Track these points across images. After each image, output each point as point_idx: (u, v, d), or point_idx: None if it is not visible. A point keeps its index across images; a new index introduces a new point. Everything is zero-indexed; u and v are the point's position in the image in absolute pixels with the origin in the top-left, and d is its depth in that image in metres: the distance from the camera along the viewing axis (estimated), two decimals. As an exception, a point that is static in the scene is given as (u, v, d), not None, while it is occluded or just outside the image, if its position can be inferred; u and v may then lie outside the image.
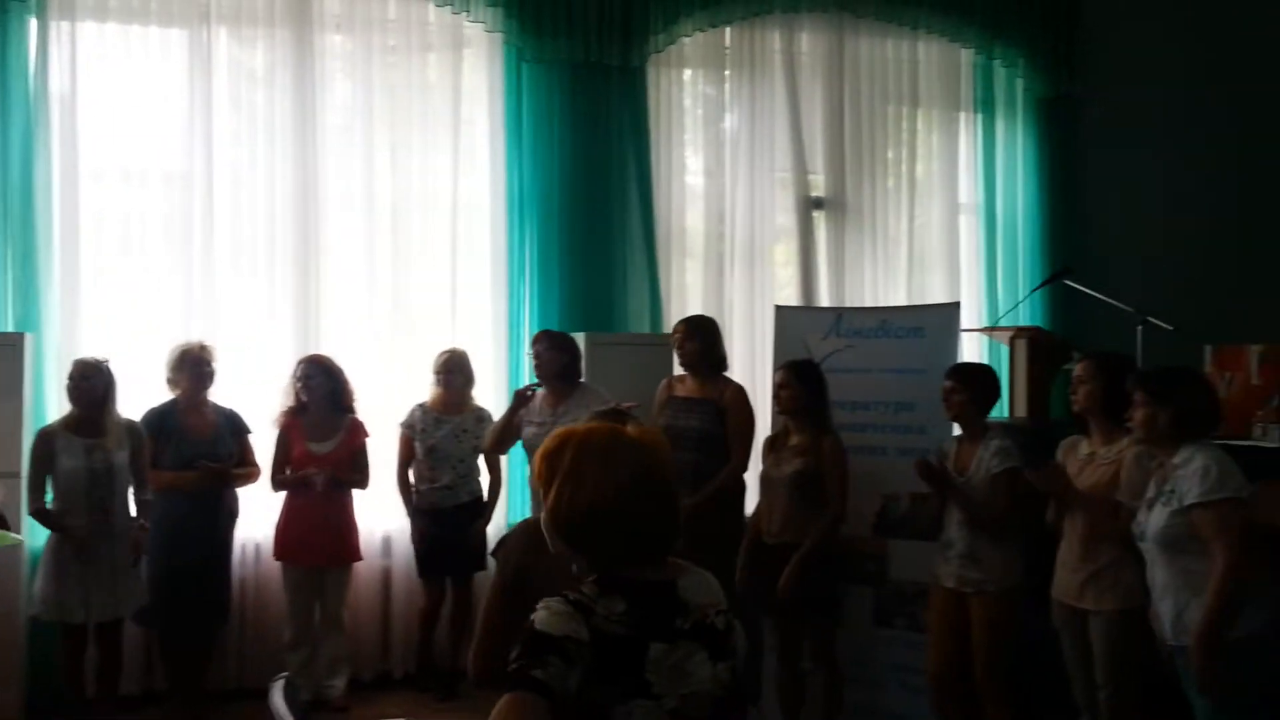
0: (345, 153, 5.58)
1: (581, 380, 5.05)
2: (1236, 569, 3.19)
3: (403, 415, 5.28)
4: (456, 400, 5.27)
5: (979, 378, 4.30)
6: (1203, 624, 3.22)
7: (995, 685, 4.13)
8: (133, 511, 4.57)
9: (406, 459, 5.29)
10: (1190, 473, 3.25)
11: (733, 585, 4.48)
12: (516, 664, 1.70)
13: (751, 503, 4.79)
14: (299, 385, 5.09)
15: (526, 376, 5.56)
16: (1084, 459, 3.87)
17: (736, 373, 5.24)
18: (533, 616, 1.75)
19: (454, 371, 5.25)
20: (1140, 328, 4.98)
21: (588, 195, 5.71)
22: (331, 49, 5.61)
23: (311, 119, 5.48)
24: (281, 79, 5.47)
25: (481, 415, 5.30)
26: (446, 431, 5.22)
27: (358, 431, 5.17)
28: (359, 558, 5.21)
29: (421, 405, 5.29)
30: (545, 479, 1.89)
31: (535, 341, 5.08)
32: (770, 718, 4.82)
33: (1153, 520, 3.35)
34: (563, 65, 5.66)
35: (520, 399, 4.96)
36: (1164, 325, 4.95)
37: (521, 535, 2.46)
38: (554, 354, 4.98)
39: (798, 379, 4.50)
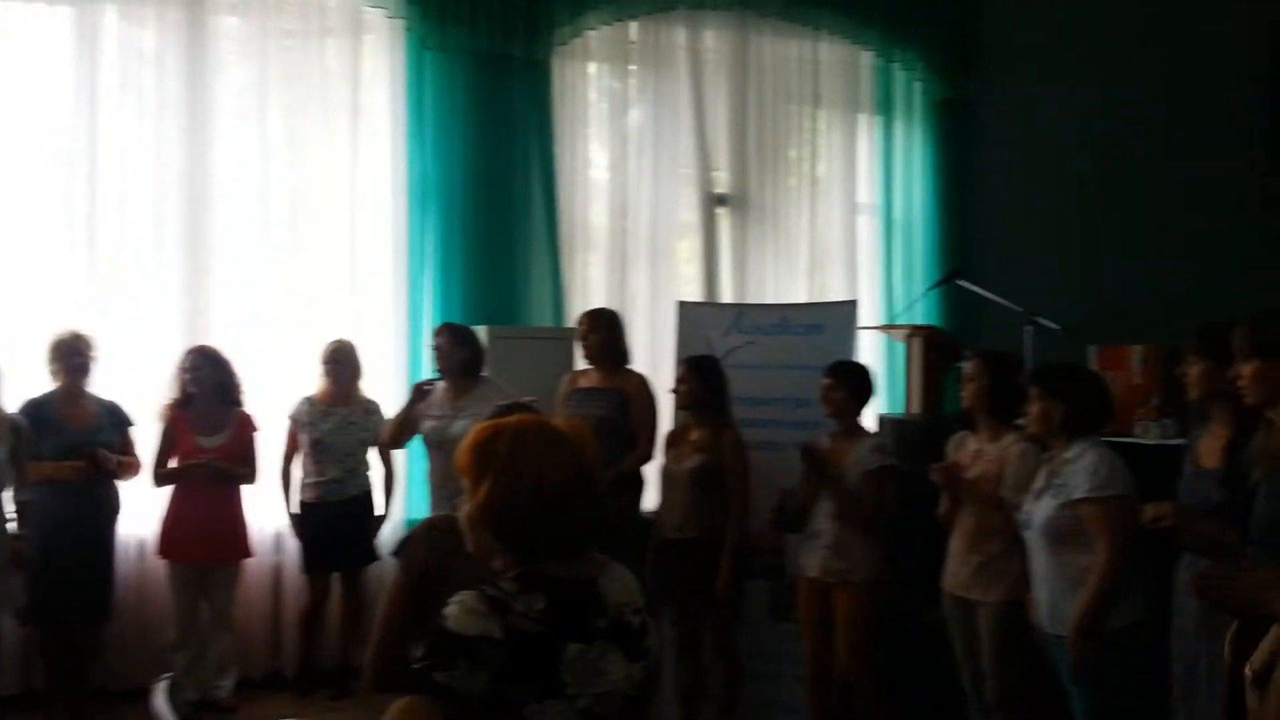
0: (239, 138, 5.42)
1: (484, 374, 4.99)
2: (1117, 565, 3.31)
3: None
4: (344, 392, 5.16)
5: (855, 375, 4.38)
6: (1081, 616, 3.34)
7: (862, 675, 4.23)
8: (9, 509, 4.35)
9: (291, 452, 5.18)
10: (1081, 468, 3.36)
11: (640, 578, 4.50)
12: (420, 664, 1.66)
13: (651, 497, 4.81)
14: (186, 376, 4.93)
15: (427, 370, 5.49)
16: (971, 455, 3.97)
17: (638, 368, 5.22)
18: (445, 612, 1.71)
19: (340, 362, 5.15)
20: (1028, 327, 5.12)
21: (491, 187, 5.64)
22: (225, 30, 5.44)
23: (203, 102, 5.32)
24: (173, 60, 5.29)
25: (370, 407, 5.21)
26: (333, 424, 5.12)
27: (247, 425, 5.03)
28: (249, 554, 5.08)
29: (308, 398, 5.17)
30: (475, 472, 1.83)
31: (437, 334, 5.01)
32: (669, 713, 4.84)
33: (1040, 511, 3.46)
34: (466, 55, 5.58)
35: (419, 393, 4.89)
36: (1051, 325, 5.10)
37: (425, 535, 2.40)
38: (456, 347, 4.91)
39: (698, 374, 4.52)
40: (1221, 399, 3.18)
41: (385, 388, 5.41)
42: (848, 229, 6.40)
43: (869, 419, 5.11)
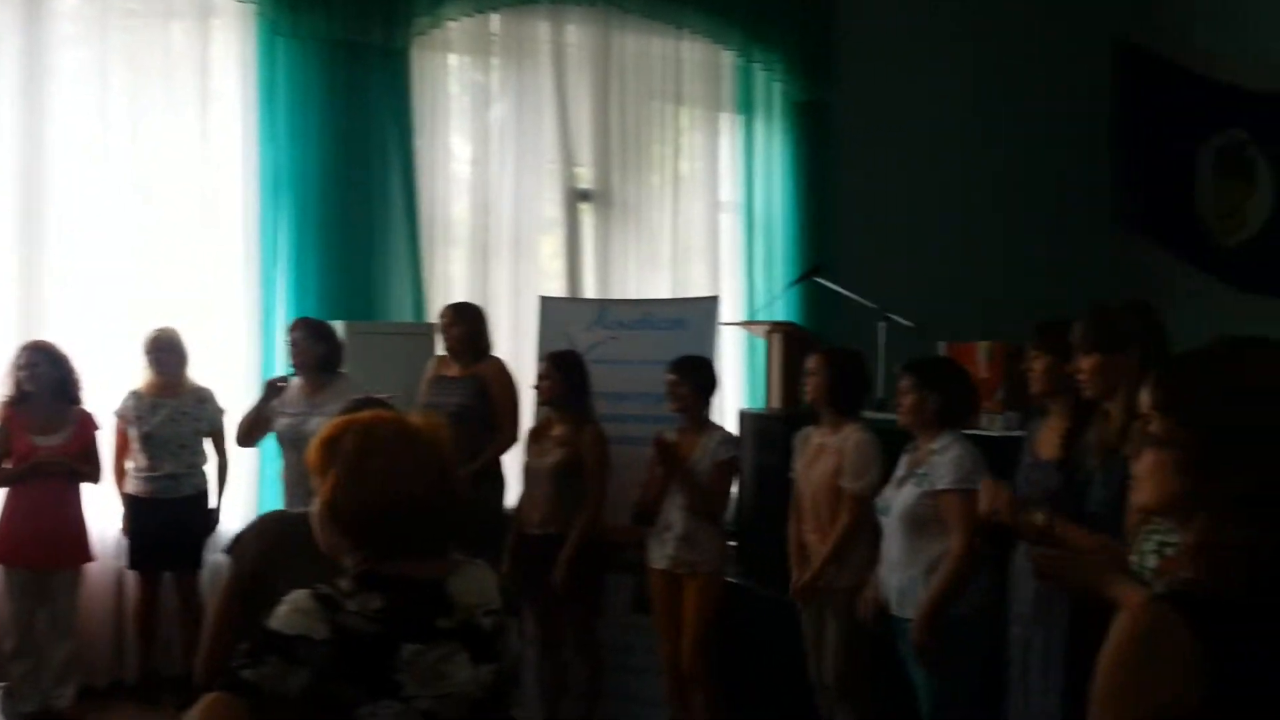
0: (78, 122, 5.17)
1: (341, 370, 4.88)
2: (969, 555, 3.43)
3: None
4: (172, 381, 4.96)
5: (698, 370, 4.44)
6: (929, 602, 3.45)
7: (701, 664, 4.31)
8: None
9: (122, 449, 4.96)
10: (946, 460, 3.47)
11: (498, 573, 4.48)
12: (233, 662, 1.63)
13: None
14: (21, 374, 4.69)
15: (281, 365, 5.33)
16: (815, 448, 4.07)
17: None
18: (274, 612, 1.68)
19: (164, 350, 4.93)
20: (882, 323, 5.26)
21: (347, 179, 5.51)
22: (64, 10, 5.18)
23: (40, 84, 5.06)
24: (7, 41, 5.02)
25: (203, 395, 5.02)
26: (164, 416, 4.91)
27: (88, 424, 4.82)
28: (90, 558, 4.86)
29: (134, 391, 4.95)
30: (323, 468, 1.79)
31: (292, 329, 4.88)
32: (531, 709, 4.82)
33: (900, 498, 3.56)
34: (320, 42, 5.43)
35: (271, 390, 4.75)
36: (903, 322, 5.25)
37: (258, 532, 2.33)
38: (312, 343, 4.80)
39: (560, 370, 4.52)
40: (1061, 392, 3.31)
41: (236, 384, 5.24)
42: (710, 226, 6.47)
43: (728, 414, 5.21)
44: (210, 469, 5.07)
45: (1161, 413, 1.55)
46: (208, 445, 5.06)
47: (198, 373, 5.07)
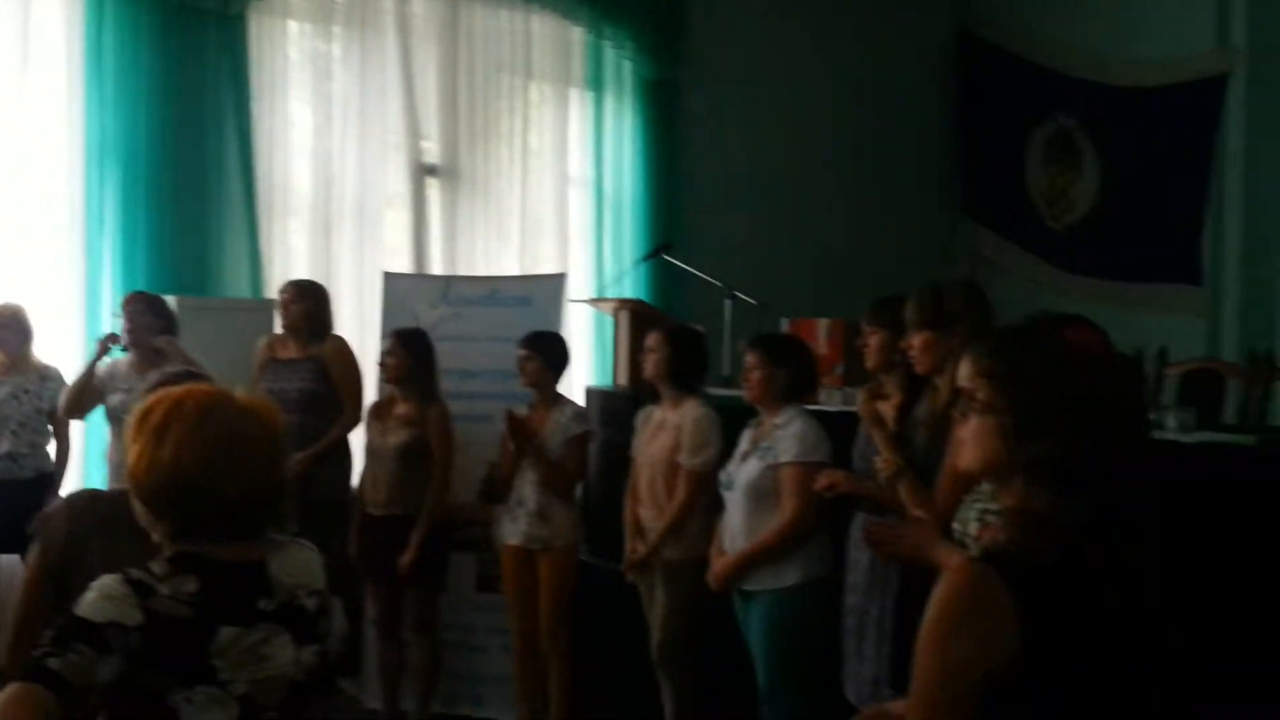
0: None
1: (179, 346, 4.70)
2: (800, 523, 3.53)
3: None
4: (13, 359, 4.72)
5: (549, 345, 4.43)
6: (749, 552, 3.57)
7: (559, 638, 4.34)
8: None
9: None
10: (790, 434, 3.56)
11: (343, 553, 4.44)
12: (39, 650, 1.56)
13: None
14: None
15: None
16: (655, 425, 4.11)
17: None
18: (81, 598, 1.62)
19: (7, 328, 4.70)
20: (728, 301, 5.35)
21: (180, 147, 5.27)
22: None
23: None
24: None
25: (46, 373, 4.79)
26: (4, 393, 4.68)
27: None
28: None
29: None
30: (133, 437, 1.75)
31: (126, 304, 4.67)
32: (370, 690, 4.75)
33: (744, 472, 3.62)
34: (152, 5, 5.16)
35: (102, 348, 4.55)
36: (749, 299, 5.34)
37: (65, 512, 2.23)
38: (147, 318, 4.61)
39: (404, 347, 4.44)
40: (895, 367, 3.41)
41: (64, 360, 4.98)
42: (559, 203, 6.44)
43: (576, 389, 5.21)
44: (54, 450, 4.83)
45: (986, 380, 1.62)
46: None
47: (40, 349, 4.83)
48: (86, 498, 2.33)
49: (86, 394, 4.62)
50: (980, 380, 1.64)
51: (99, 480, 4.99)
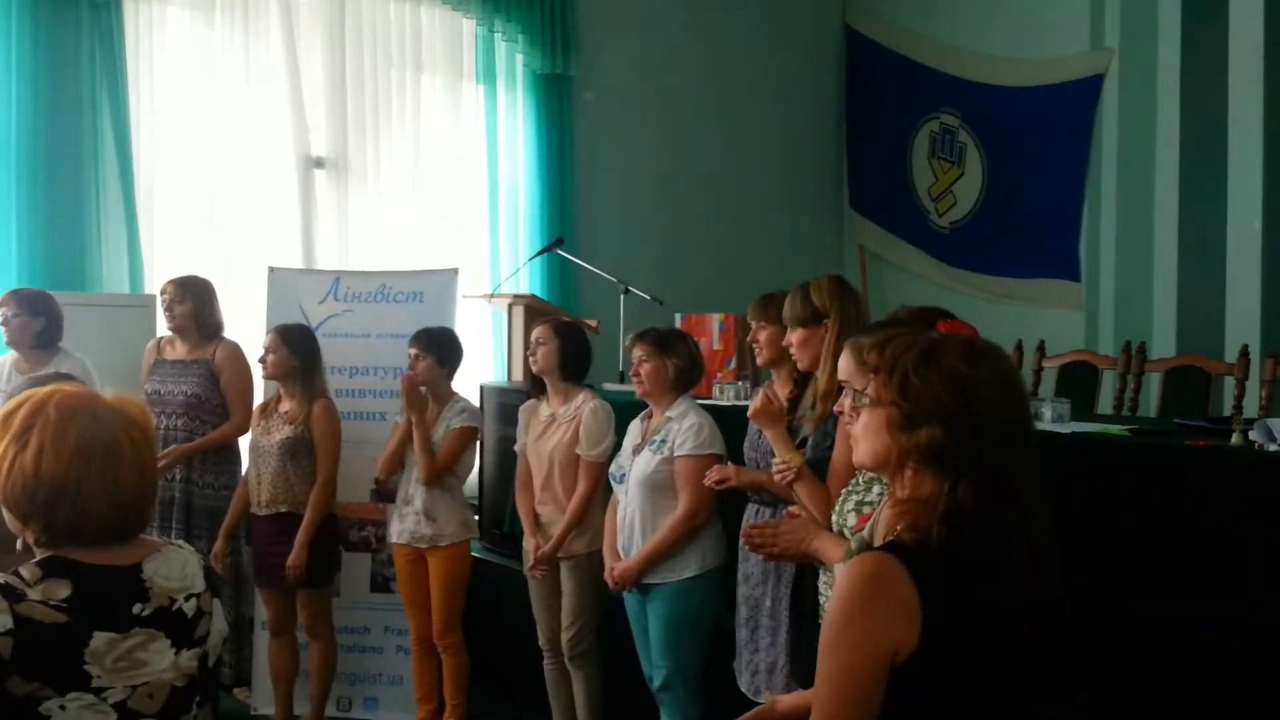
0: None
1: (60, 346, 4.54)
2: (695, 515, 3.57)
3: None
4: None
5: (441, 342, 4.40)
6: (649, 550, 3.60)
7: (453, 636, 4.34)
8: None
9: None
10: (685, 427, 3.59)
11: (236, 557, 4.43)
12: None
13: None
14: None
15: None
16: (545, 420, 4.11)
17: (229, 336, 4.94)
18: None
19: None
20: (623, 296, 5.37)
21: (54, 139, 5.06)
22: None
23: None
24: None
25: None
26: None
27: None
28: None
29: None
30: None
31: (2, 304, 4.49)
32: (262, 695, 4.65)
33: (638, 465, 3.64)
34: (20, -11, 4.98)
35: None
36: (643, 295, 5.37)
37: None
38: (26, 318, 4.44)
39: (285, 343, 4.36)
40: (785, 362, 3.46)
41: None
42: (453, 196, 6.37)
43: (472, 385, 5.17)
44: None
45: (873, 374, 1.66)
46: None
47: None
48: None
49: None
50: (868, 374, 1.68)
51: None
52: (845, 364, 2.33)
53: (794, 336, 3.16)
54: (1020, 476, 1.56)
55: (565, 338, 4.07)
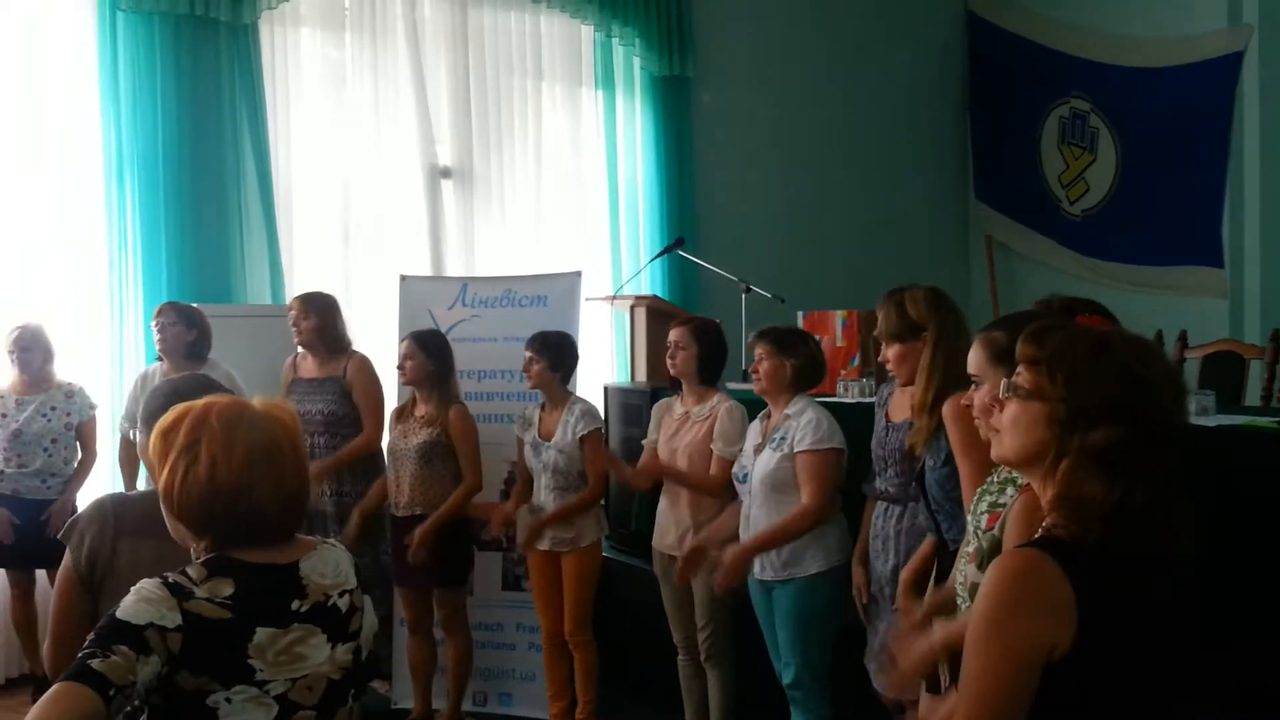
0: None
1: (209, 357, 4.76)
2: (819, 511, 3.55)
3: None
4: (34, 378, 4.80)
5: (553, 345, 4.44)
6: (763, 537, 3.58)
7: (584, 633, 4.38)
8: None
9: None
10: (803, 423, 3.57)
11: (376, 556, 4.55)
12: (82, 652, 1.59)
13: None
14: None
15: (135, 352, 5.18)
16: (679, 418, 4.13)
17: (363, 345, 5.09)
18: (122, 601, 1.65)
19: (27, 349, 4.76)
20: (744, 295, 5.36)
21: (198, 158, 5.34)
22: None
23: None
24: None
25: (70, 390, 4.87)
26: (31, 412, 4.76)
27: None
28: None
29: None
30: (160, 456, 1.77)
31: (159, 314, 4.72)
32: (401, 689, 4.80)
33: (760, 464, 3.64)
34: (163, 17, 5.22)
35: None
36: (764, 293, 5.36)
37: (94, 518, 2.27)
38: (180, 329, 4.67)
39: (421, 349, 4.47)
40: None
41: (89, 374, 5.06)
42: (574, 201, 6.47)
43: (595, 387, 5.24)
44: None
45: (1030, 366, 1.59)
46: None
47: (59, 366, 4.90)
48: (114, 500, 2.36)
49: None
50: (1001, 368, 1.63)
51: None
52: (976, 357, 2.29)
53: (890, 352, 3.13)
54: (1180, 478, 1.51)
55: (704, 342, 4.08)
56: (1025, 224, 7.87)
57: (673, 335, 4.13)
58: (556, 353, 4.41)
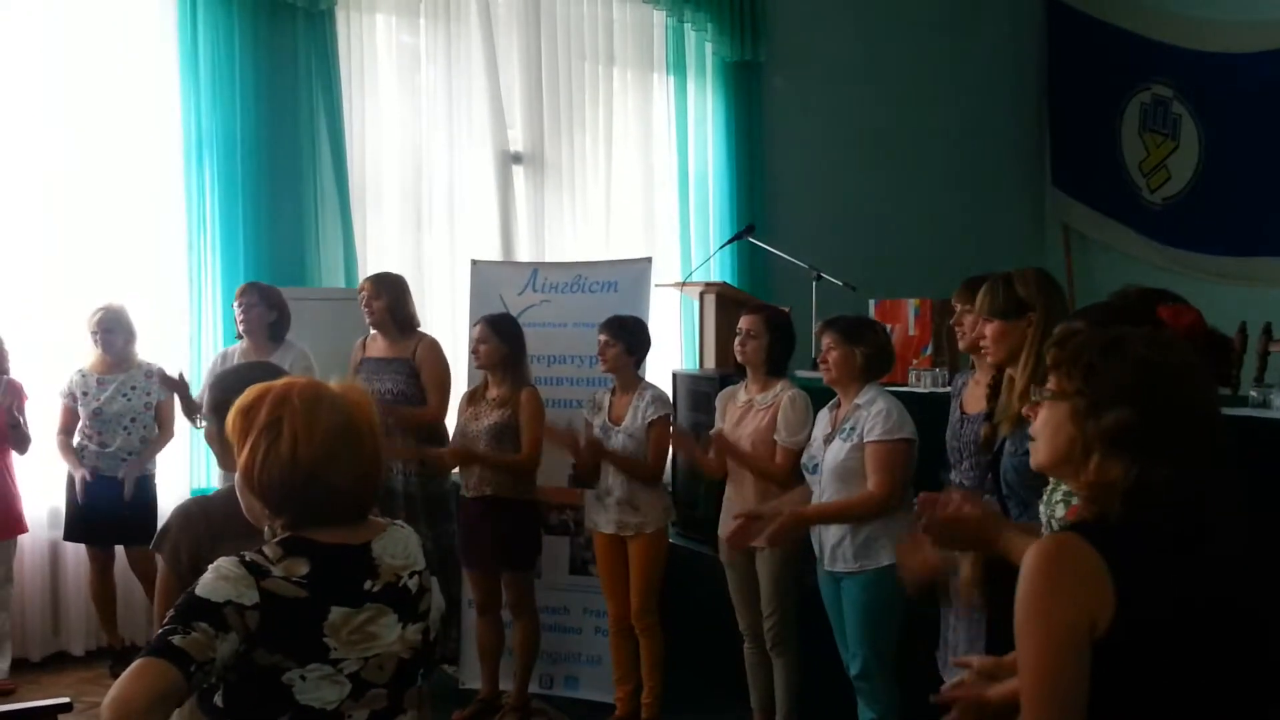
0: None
1: (287, 338, 4.86)
2: (886, 500, 3.52)
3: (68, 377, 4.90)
4: (119, 359, 4.92)
5: (629, 330, 4.44)
6: (825, 509, 3.57)
7: (650, 618, 4.39)
8: None
9: (68, 427, 4.91)
10: (874, 413, 3.54)
11: (449, 539, 4.62)
12: (162, 629, 1.63)
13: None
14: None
15: (212, 333, 5.29)
16: (743, 406, 4.12)
17: (434, 328, 5.17)
18: (201, 579, 1.69)
19: (110, 330, 4.88)
20: (815, 282, 5.32)
21: (275, 142, 5.44)
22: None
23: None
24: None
25: (150, 370, 4.98)
26: (112, 391, 4.89)
27: (16, 394, 4.74)
28: (24, 529, 4.82)
29: (81, 370, 4.91)
30: (240, 435, 1.80)
31: (242, 294, 4.83)
32: (469, 671, 4.86)
33: (830, 454, 3.61)
34: (243, 3, 5.33)
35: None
36: (835, 281, 5.31)
37: (182, 523, 2.32)
38: (262, 309, 4.77)
39: (495, 333, 4.50)
40: (985, 348, 3.37)
41: (164, 352, 5.17)
42: (644, 187, 6.47)
43: (664, 373, 5.24)
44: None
45: (1054, 369, 1.64)
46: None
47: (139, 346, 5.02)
48: (199, 504, 2.41)
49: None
50: (1050, 370, 1.66)
51: (210, 469, 5.19)
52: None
53: (989, 329, 3.05)
54: (1207, 463, 1.53)
55: (775, 332, 4.07)
56: (1104, 212, 7.71)
57: (743, 323, 4.12)
58: (633, 337, 4.42)
